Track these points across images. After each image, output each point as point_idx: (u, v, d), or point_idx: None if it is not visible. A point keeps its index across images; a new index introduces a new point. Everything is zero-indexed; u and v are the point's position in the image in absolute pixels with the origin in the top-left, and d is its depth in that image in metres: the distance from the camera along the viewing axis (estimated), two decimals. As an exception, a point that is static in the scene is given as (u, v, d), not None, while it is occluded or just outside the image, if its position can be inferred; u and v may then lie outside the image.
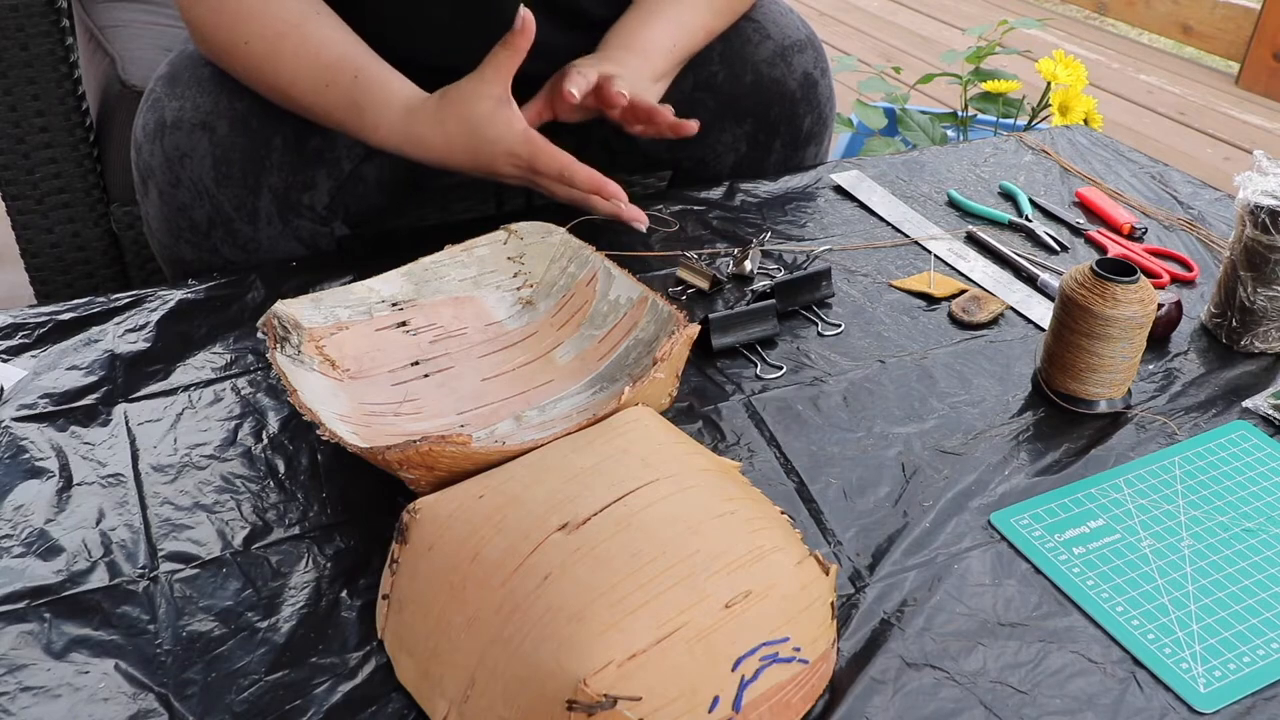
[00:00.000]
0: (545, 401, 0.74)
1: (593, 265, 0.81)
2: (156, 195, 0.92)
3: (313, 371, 0.73)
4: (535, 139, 0.86)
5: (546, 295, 0.83)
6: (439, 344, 0.79)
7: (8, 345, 0.81)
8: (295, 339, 0.73)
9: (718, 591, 0.52)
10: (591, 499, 0.56)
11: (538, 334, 0.80)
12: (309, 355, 0.74)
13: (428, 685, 0.54)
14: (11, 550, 0.63)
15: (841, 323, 0.88)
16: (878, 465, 0.73)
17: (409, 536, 0.58)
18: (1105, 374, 0.76)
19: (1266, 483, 0.72)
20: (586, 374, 0.76)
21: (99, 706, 0.54)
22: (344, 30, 0.90)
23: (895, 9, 3.70)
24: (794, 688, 0.53)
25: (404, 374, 0.76)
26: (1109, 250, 0.99)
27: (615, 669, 0.49)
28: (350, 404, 0.72)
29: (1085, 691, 0.57)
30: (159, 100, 0.92)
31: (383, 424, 0.71)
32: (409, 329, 0.80)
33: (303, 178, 0.93)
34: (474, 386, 0.76)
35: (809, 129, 1.10)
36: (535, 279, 0.84)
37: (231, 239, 0.92)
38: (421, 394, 0.75)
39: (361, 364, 0.76)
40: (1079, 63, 1.63)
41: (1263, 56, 3.04)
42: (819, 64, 1.09)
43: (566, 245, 0.84)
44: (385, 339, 0.79)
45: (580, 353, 0.78)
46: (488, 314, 0.82)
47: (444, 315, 0.81)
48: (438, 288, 0.83)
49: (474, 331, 0.81)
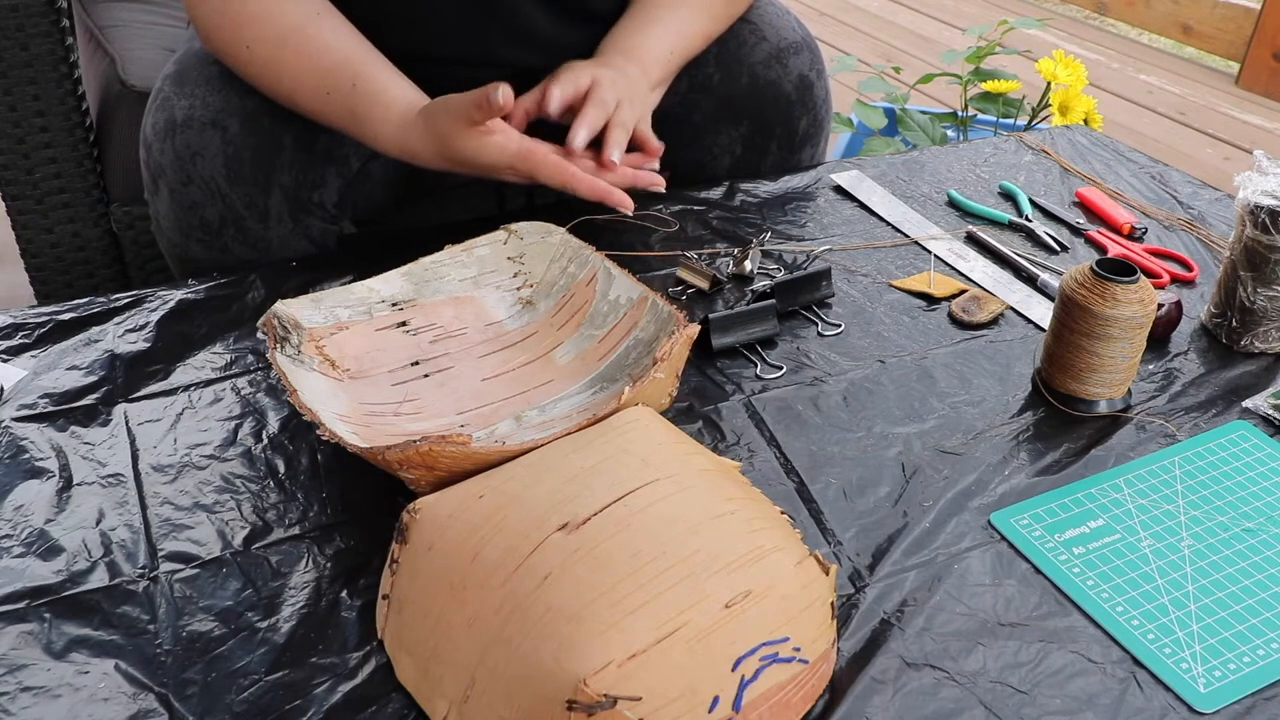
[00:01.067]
0: (545, 401, 0.74)
1: (593, 265, 0.81)
2: (167, 194, 0.92)
3: (313, 371, 0.73)
4: (533, 155, 0.84)
5: (546, 295, 0.83)
6: (439, 344, 0.79)
7: (8, 345, 0.81)
8: (295, 339, 0.73)
9: (718, 591, 0.52)
10: (591, 499, 0.56)
11: (538, 334, 0.80)
12: (309, 355, 0.74)
13: (428, 685, 0.54)
14: (11, 550, 0.63)
15: (841, 323, 0.88)
16: (878, 465, 0.73)
17: (409, 536, 0.58)
18: (1105, 374, 0.76)
19: (1266, 483, 0.72)
20: (586, 374, 0.76)
21: (99, 706, 0.54)
22: (346, 31, 0.89)
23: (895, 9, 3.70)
24: (794, 688, 0.54)
25: (404, 374, 0.76)
26: (1109, 250, 0.99)
27: (615, 669, 0.49)
28: (350, 404, 0.72)
29: (1085, 691, 0.57)
30: (168, 99, 0.92)
31: (383, 424, 0.71)
32: (409, 329, 0.80)
33: (313, 175, 0.93)
34: (474, 386, 0.76)
35: (804, 131, 1.10)
36: (535, 279, 0.84)
37: (242, 237, 0.92)
38: (421, 394, 0.75)
39: (361, 364, 0.76)
40: (1079, 63, 1.63)
41: (1263, 56, 3.04)
42: (815, 66, 1.08)
43: (566, 245, 0.84)
44: (385, 339, 0.79)
45: (580, 353, 0.78)
46: (488, 314, 0.82)
47: (444, 315, 0.81)
48: (438, 288, 0.83)
49: (474, 331, 0.81)
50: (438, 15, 0.96)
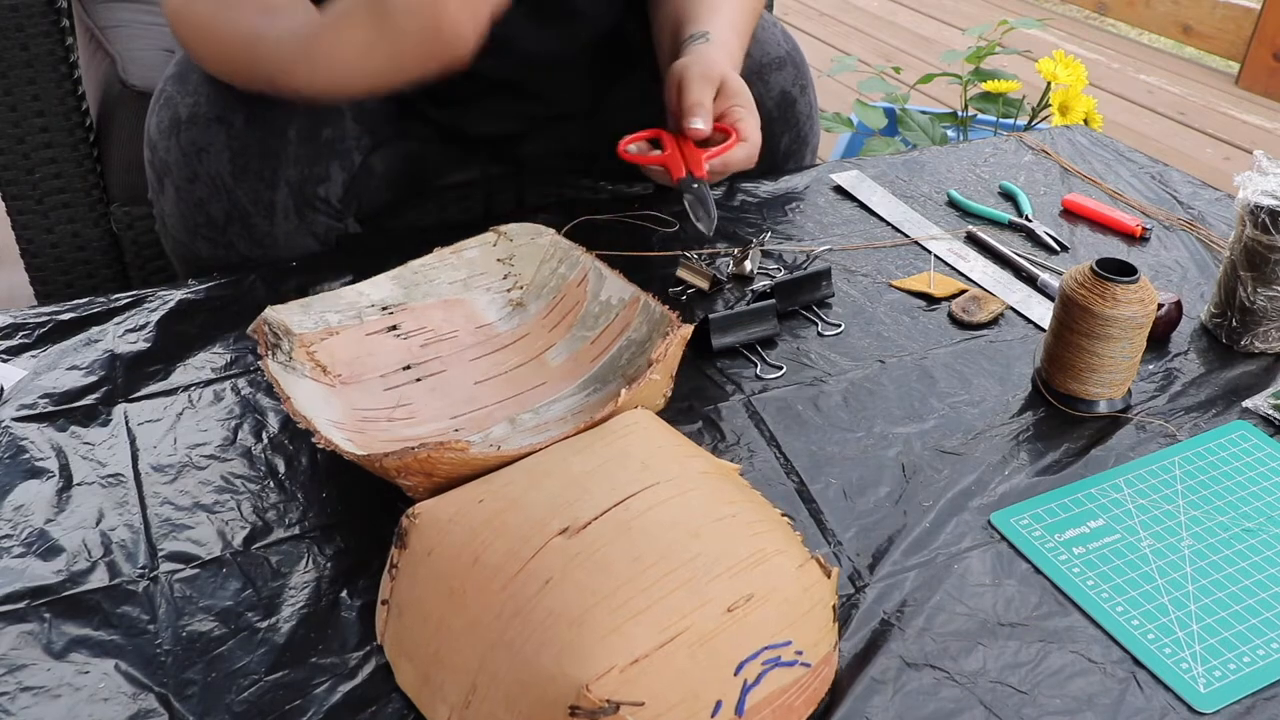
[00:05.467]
0: (539, 404, 0.74)
1: (583, 266, 0.81)
2: (173, 191, 0.92)
3: (304, 378, 0.72)
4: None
5: (537, 297, 0.83)
6: (430, 347, 0.79)
7: (8, 345, 0.80)
8: (286, 345, 0.73)
9: (719, 595, 0.52)
10: (591, 503, 0.56)
11: (529, 336, 0.80)
12: (300, 361, 0.73)
13: (428, 691, 0.54)
14: (11, 550, 0.63)
15: (841, 323, 0.88)
16: (878, 465, 0.73)
17: (408, 541, 0.57)
18: (1105, 374, 0.76)
19: (1266, 483, 0.72)
20: (579, 376, 0.75)
21: (99, 706, 0.54)
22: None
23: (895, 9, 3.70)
24: (796, 691, 0.53)
25: (396, 378, 0.76)
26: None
27: (617, 674, 0.48)
28: (343, 410, 0.72)
29: (1085, 691, 0.57)
30: (171, 98, 0.92)
31: (376, 429, 0.71)
32: (399, 333, 0.80)
33: (317, 170, 0.93)
34: (466, 390, 0.76)
35: (786, 148, 1.09)
36: (525, 280, 0.84)
37: (248, 234, 0.92)
38: (414, 398, 0.75)
39: (353, 369, 0.76)
40: (1079, 63, 1.63)
41: (1263, 56, 3.04)
42: (798, 81, 1.07)
43: (556, 246, 0.84)
44: (376, 343, 0.78)
45: (572, 354, 0.77)
46: (478, 316, 0.82)
47: (434, 318, 0.81)
48: (427, 290, 0.83)
49: (465, 334, 0.81)
50: None
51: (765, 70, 1.05)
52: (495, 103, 1.06)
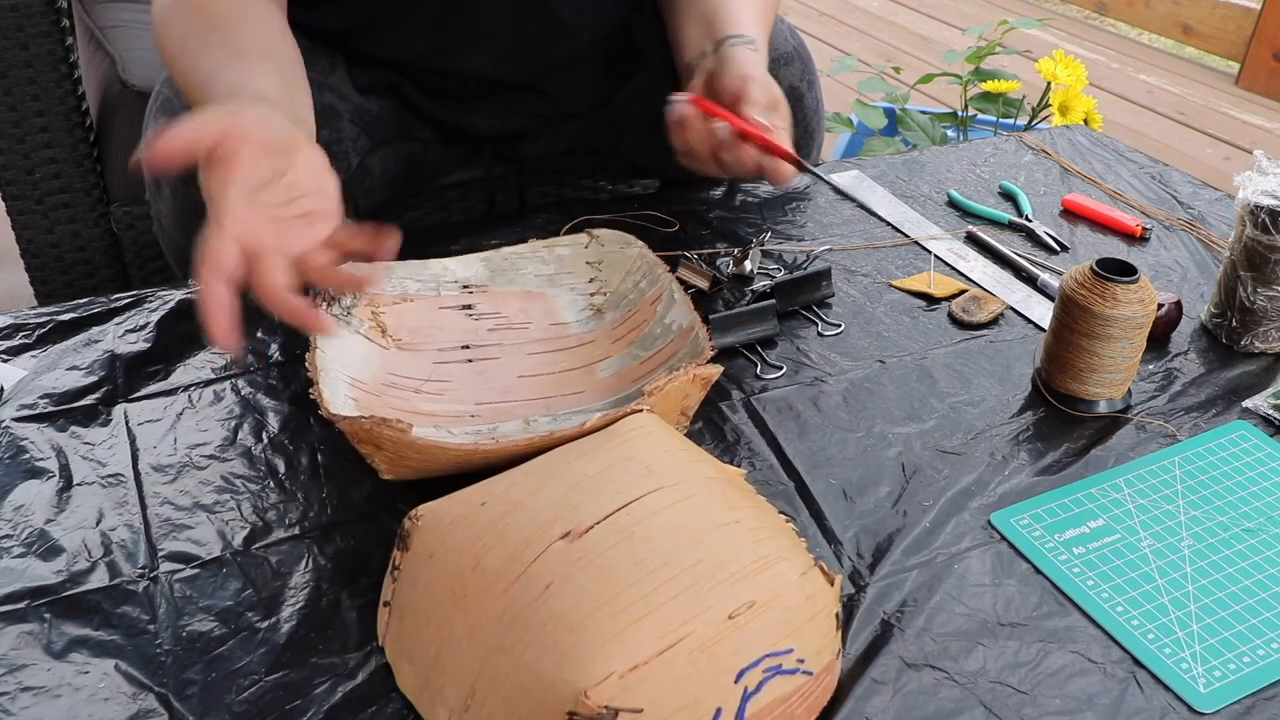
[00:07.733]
0: (563, 411, 0.73)
1: (661, 284, 0.80)
2: (170, 194, 0.92)
3: (356, 334, 0.73)
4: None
5: (615, 306, 0.82)
6: (496, 333, 0.80)
7: (8, 345, 0.80)
8: (349, 299, 0.74)
9: (721, 602, 0.52)
10: (594, 507, 0.55)
11: (594, 343, 0.80)
12: (360, 318, 0.75)
13: (429, 694, 0.54)
14: (11, 550, 0.63)
15: (841, 323, 0.88)
16: (878, 465, 0.73)
17: (410, 543, 0.57)
18: (1105, 374, 0.76)
19: (1266, 483, 0.72)
20: (617, 393, 0.75)
21: (99, 706, 0.54)
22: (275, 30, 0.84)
23: (895, 9, 3.70)
24: (798, 700, 0.53)
25: (450, 355, 0.77)
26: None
27: (617, 680, 0.48)
28: (377, 372, 0.72)
29: (1085, 691, 0.57)
30: (169, 100, 0.92)
31: (393, 397, 0.71)
32: (473, 313, 0.80)
33: None
34: (507, 381, 0.76)
35: (794, 143, 1.09)
36: (610, 288, 0.83)
37: None
38: (454, 377, 0.75)
39: (415, 337, 0.77)
40: (1079, 63, 1.63)
41: (1263, 56, 3.04)
42: (805, 76, 1.07)
43: (642, 259, 0.83)
44: (445, 317, 0.79)
45: (621, 370, 0.77)
46: (556, 313, 0.82)
47: (511, 306, 0.82)
48: (512, 278, 0.83)
49: (537, 328, 0.81)
50: (404, 21, 0.96)
51: (773, 65, 1.05)
52: (503, 101, 1.06)
